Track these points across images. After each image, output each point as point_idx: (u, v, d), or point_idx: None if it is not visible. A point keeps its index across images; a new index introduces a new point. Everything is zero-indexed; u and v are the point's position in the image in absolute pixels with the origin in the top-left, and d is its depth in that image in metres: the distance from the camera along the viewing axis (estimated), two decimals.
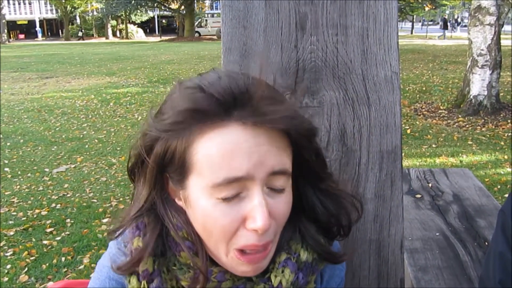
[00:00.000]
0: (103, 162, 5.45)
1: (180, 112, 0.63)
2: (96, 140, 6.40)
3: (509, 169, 4.60)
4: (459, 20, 46.80)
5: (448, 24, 32.32)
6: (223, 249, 0.66)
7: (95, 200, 4.28)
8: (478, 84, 6.92)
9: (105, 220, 3.83)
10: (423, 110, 7.12)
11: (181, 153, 0.64)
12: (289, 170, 0.68)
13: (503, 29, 7.74)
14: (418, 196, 2.19)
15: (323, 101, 1.14)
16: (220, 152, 0.62)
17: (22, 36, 43.98)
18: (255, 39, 1.15)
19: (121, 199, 4.31)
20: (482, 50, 6.87)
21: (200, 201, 0.64)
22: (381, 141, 1.19)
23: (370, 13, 1.16)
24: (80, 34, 40.86)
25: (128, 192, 4.42)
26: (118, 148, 5.99)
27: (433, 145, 5.23)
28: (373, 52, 1.17)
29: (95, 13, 42.44)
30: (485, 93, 6.90)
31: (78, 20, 45.29)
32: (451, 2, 33.12)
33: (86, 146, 6.14)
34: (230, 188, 0.62)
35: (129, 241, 0.72)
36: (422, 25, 47.44)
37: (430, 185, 2.31)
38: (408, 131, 5.70)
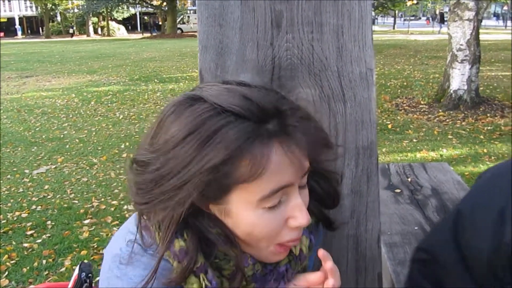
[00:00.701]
0: (84, 162, 5.39)
1: (228, 149, 0.61)
2: (77, 140, 6.32)
3: (488, 163, 4.68)
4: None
5: (445, 18, 32.59)
6: (264, 245, 0.72)
7: (76, 201, 4.23)
8: (458, 78, 7.01)
9: (86, 221, 3.79)
10: (404, 105, 7.18)
11: (224, 176, 0.63)
12: None
13: (482, 23, 7.85)
14: (398, 190, 2.21)
15: (299, 99, 1.15)
16: (267, 169, 0.64)
17: (1, 34, 43.17)
18: (231, 37, 1.15)
19: (102, 199, 4.27)
20: (462, 45, 6.96)
21: (246, 213, 0.68)
22: (356, 137, 1.20)
23: (345, 11, 1.17)
24: (71, 31, 40.33)
25: (110, 192, 4.38)
26: (99, 148, 5.93)
27: (414, 140, 5.27)
28: (348, 49, 1.17)
29: (75, 10, 41.87)
30: (465, 87, 7.00)
31: (58, 18, 44.64)
32: None
33: (67, 146, 6.06)
34: (275, 197, 0.67)
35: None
36: (404, 20, 47.89)
37: (409, 179, 2.33)
38: (390, 126, 5.74)
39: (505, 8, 48.35)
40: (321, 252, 0.74)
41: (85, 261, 1.72)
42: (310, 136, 0.70)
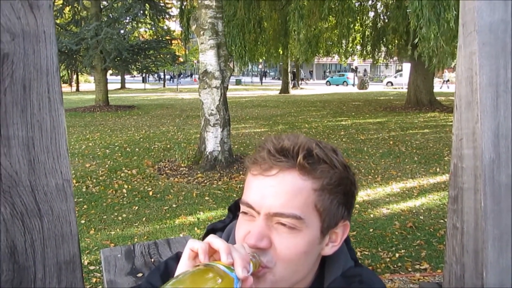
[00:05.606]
0: None
1: None
2: None
3: None
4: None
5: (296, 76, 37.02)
6: None
7: None
8: (212, 141, 7.63)
9: None
10: (166, 169, 7.36)
11: None
12: None
13: (247, 80, 8.65)
14: (140, 275, 2.18)
15: None
16: None
17: None
18: None
19: None
20: (212, 110, 7.65)
21: None
22: (57, 252, 1.15)
23: (34, 122, 1.13)
24: None
25: None
26: None
27: (174, 205, 5.33)
28: (41, 162, 1.13)
29: None
30: (219, 148, 7.65)
31: None
32: (196, 57, 36.44)
33: None
34: None
35: None
36: (171, 78, 50.61)
37: (153, 260, 2.33)
38: (150, 193, 5.71)
39: (260, 66, 55.93)
40: None
41: None
42: None
